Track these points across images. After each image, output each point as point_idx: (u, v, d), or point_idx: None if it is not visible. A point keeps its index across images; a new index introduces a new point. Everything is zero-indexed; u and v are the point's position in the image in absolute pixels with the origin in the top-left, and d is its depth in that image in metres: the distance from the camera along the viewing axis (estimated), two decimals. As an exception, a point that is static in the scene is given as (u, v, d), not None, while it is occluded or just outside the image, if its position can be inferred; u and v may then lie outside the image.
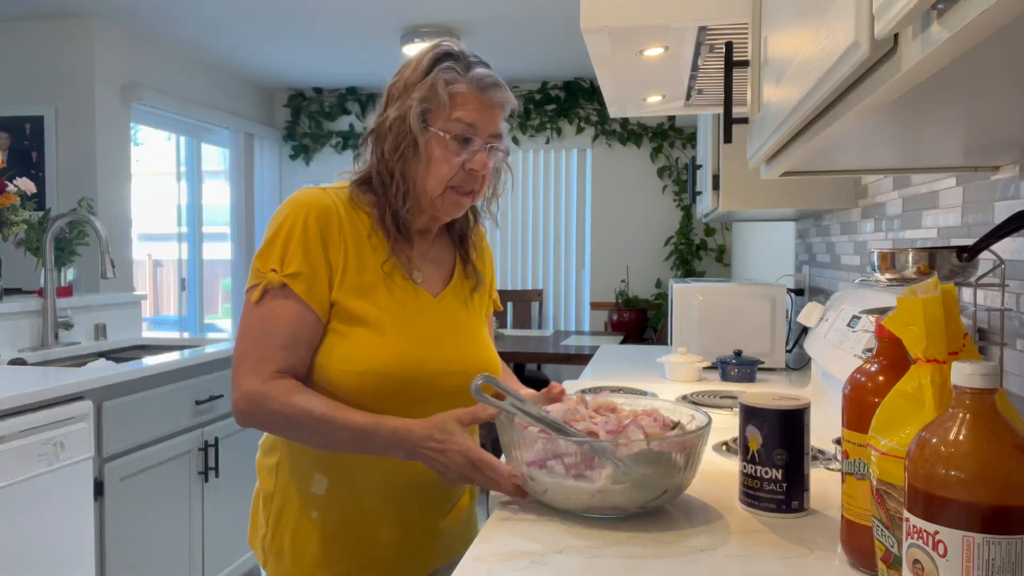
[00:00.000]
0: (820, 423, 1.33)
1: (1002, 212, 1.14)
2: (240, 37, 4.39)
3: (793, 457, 1.01)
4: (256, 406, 1.11)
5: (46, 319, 2.73)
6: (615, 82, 1.77)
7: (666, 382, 2.13)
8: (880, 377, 0.82)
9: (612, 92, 1.87)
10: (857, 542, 0.84)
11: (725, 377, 2.14)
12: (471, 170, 1.17)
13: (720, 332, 2.32)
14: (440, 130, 1.15)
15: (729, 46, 1.31)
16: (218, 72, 5.06)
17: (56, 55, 4.00)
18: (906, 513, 0.64)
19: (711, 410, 1.63)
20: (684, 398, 1.82)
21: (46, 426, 1.95)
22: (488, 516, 1.03)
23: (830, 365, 1.56)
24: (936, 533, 0.61)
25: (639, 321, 5.14)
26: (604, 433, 1.02)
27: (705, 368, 2.22)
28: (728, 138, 1.26)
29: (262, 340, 1.12)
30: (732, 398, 1.83)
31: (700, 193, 2.73)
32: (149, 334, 3.32)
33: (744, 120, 1.23)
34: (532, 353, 4.20)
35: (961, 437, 0.61)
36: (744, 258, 4.64)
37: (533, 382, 4.54)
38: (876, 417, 0.75)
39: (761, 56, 1.08)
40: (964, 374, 0.62)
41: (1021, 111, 0.69)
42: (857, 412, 0.83)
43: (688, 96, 1.78)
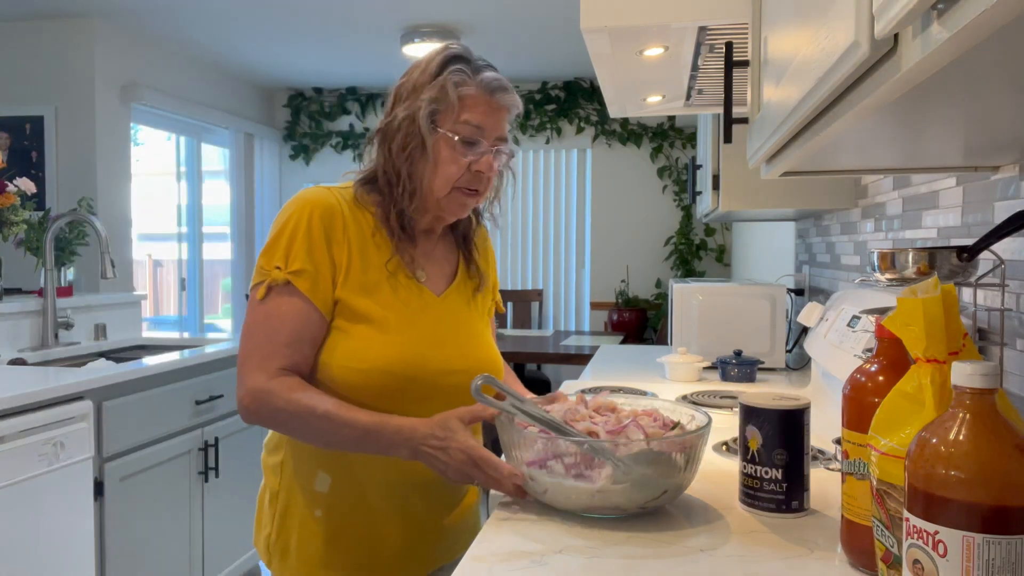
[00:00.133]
0: (820, 423, 1.33)
1: (1002, 212, 1.14)
2: (240, 37, 4.39)
3: (793, 457, 1.01)
4: (261, 403, 1.11)
5: (46, 319, 2.73)
6: (615, 82, 1.77)
7: (666, 382, 2.13)
8: (880, 377, 0.82)
9: (612, 92, 1.87)
10: (857, 542, 0.84)
11: (725, 377, 2.14)
12: (477, 171, 1.18)
13: (720, 332, 2.32)
14: (448, 131, 1.16)
15: (729, 46, 1.31)
16: (218, 72, 5.06)
17: (56, 55, 4.00)
18: (906, 513, 0.64)
19: (711, 410, 1.63)
20: (684, 398, 1.82)
21: (46, 426, 1.95)
22: (488, 516, 1.03)
23: (830, 365, 1.56)
24: (936, 533, 0.61)
25: (639, 321, 5.14)
26: (604, 433, 1.02)
27: (705, 368, 2.22)
28: (728, 138, 1.27)
29: (267, 337, 1.13)
30: (732, 398, 1.83)
31: (700, 193, 2.73)
32: (149, 334, 3.32)
33: (744, 120, 1.23)
34: (532, 353, 4.20)
35: (961, 437, 0.61)
36: (744, 258, 4.64)
37: (533, 382, 4.54)
38: (876, 417, 0.75)
39: (761, 56, 1.08)
40: (964, 374, 0.62)
41: (1021, 111, 0.69)
42: (857, 412, 0.83)
43: (688, 96, 1.78)
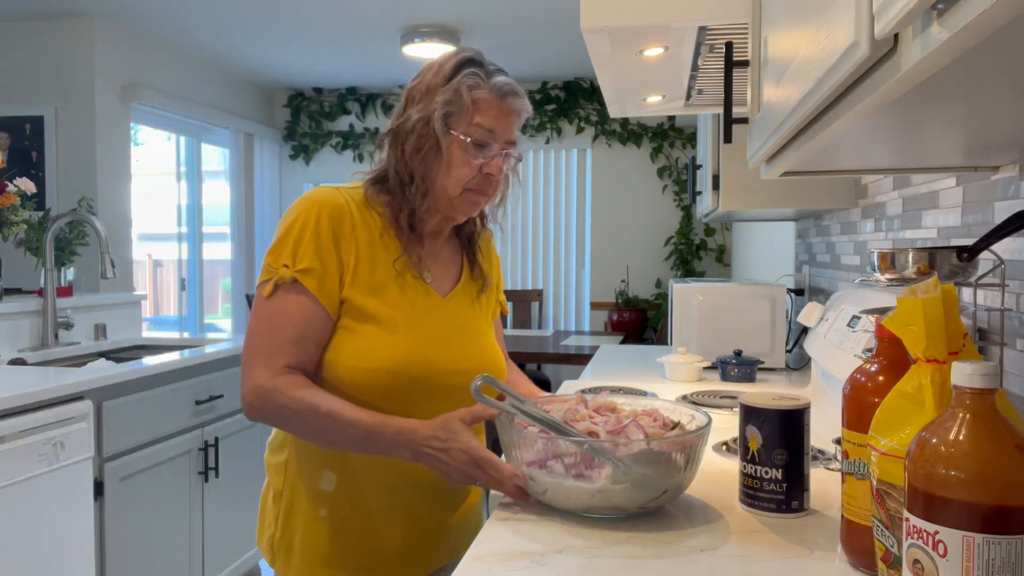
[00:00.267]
0: (820, 423, 1.33)
1: (1002, 212, 1.14)
2: (240, 37, 4.39)
3: (793, 457, 1.01)
4: (265, 400, 1.11)
5: (46, 319, 2.73)
6: (615, 82, 1.77)
7: (666, 382, 2.13)
8: (880, 377, 0.82)
9: (612, 92, 1.87)
10: (857, 542, 0.84)
11: (725, 377, 2.14)
12: (487, 174, 1.19)
13: (720, 332, 2.32)
14: (462, 134, 1.17)
15: (729, 46, 1.31)
16: (218, 72, 5.06)
17: (56, 55, 4.00)
18: (906, 513, 0.64)
19: (711, 410, 1.63)
20: (684, 398, 1.82)
21: (46, 426, 1.95)
22: (488, 516, 1.04)
23: (830, 365, 1.56)
24: (936, 533, 0.61)
25: (639, 321, 5.14)
26: (604, 433, 1.02)
27: (705, 368, 2.22)
28: (728, 138, 1.27)
29: (273, 334, 1.13)
30: (732, 398, 1.82)
31: (700, 193, 2.73)
32: (149, 334, 3.32)
33: (744, 120, 1.23)
34: (532, 353, 4.20)
35: (961, 437, 0.61)
36: (744, 258, 4.64)
37: (534, 382, 4.53)
38: (876, 417, 0.75)
39: (761, 56, 1.08)
40: (964, 374, 0.62)
41: (1021, 111, 0.69)
42: (857, 412, 0.83)
43: (688, 96, 1.78)
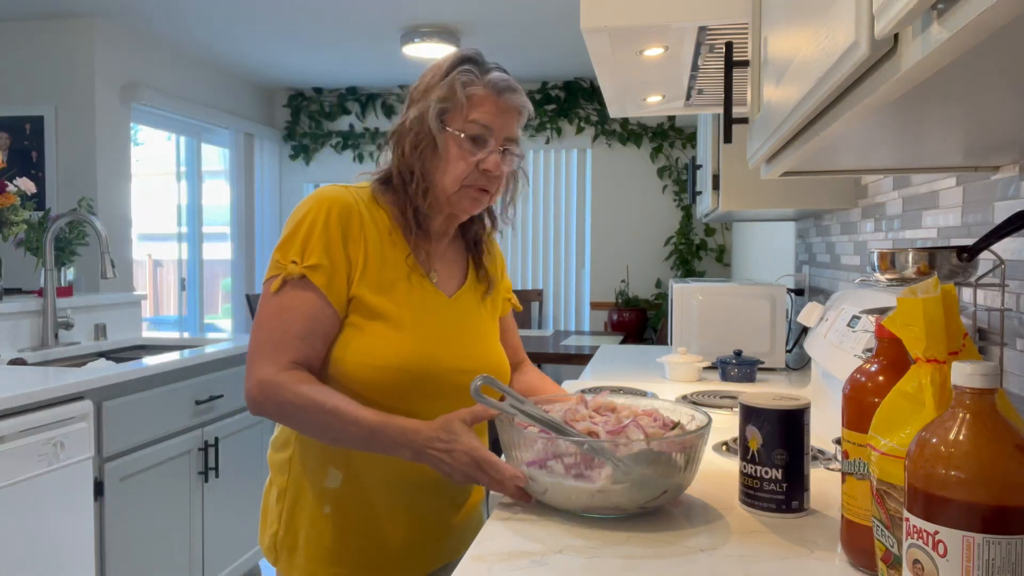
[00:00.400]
0: (820, 423, 1.33)
1: (1002, 212, 1.14)
2: (240, 37, 4.39)
3: (793, 457, 1.01)
4: (269, 395, 1.11)
5: (46, 319, 2.72)
6: (615, 82, 1.77)
7: (666, 382, 2.13)
8: (880, 377, 0.82)
9: (612, 92, 1.87)
10: (857, 542, 0.84)
11: (725, 377, 2.14)
12: (485, 170, 1.19)
13: (720, 332, 2.32)
14: (456, 130, 1.18)
15: (729, 46, 1.31)
16: (218, 72, 5.06)
17: (56, 55, 4.00)
18: (906, 513, 0.64)
19: (711, 410, 1.63)
20: (684, 398, 1.82)
21: (46, 426, 1.95)
22: (488, 516, 1.04)
23: (830, 365, 1.56)
24: (936, 533, 0.61)
25: (639, 321, 5.14)
26: (604, 433, 1.02)
27: (705, 368, 2.22)
28: (728, 138, 1.27)
29: (279, 330, 1.13)
30: (732, 398, 1.82)
31: (700, 193, 2.73)
32: (149, 334, 3.32)
33: (744, 120, 1.23)
34: (532, 353, 4.19)
35: (961, 437, 0.61)
36: (744, 258, 4.64)
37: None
38: (876, 417, 0.75)
39: (761, 56, 1.08)
40: (964, 374, 0.62)
41: (1021, 111, 0.69)
42: (857, 412, 0.83)
43: (688, 96, 1.78)
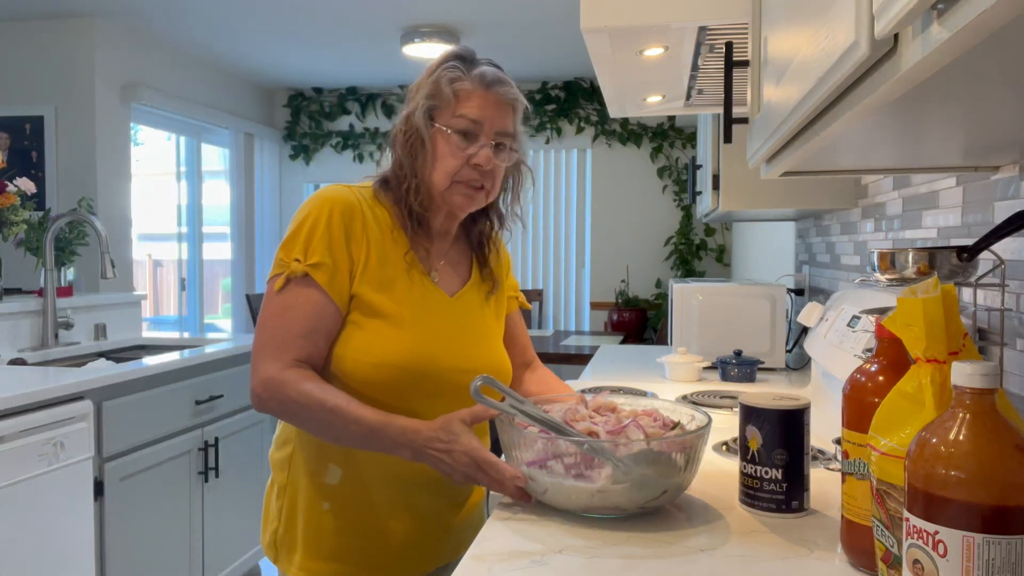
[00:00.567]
0: (820, 423, 1.33)
1: (1002, 212, 1.14)
2: (240, 37, 4.39)
3: (793, 457, 1.01)
4: (272, 393, 1.12)
5: (46, 319, 2.72)
6: (615, 82, 1.77)
7: (666, 382, 2.13)
8: (880, 377, 0.82)
9: (612, 92, 1.87)
10: (857, 542, 0.84)
11: (725, 377, 2.14)
12: (475, 164, 1.19)
13: (720, 332, 2.32)
14: (444, 126, 1.18)
15: (729, 46, 1.31)
16: (218, 72, 5.06)
17: (56, 55, 4.00)
18: (906, 513, 0.64)
19: (711, 410, 1.63)
20: (684, 398, 1.82)
21: (46, 426, 1.95)
22: (488, 516, 1.03)
23: (830, 365, 1.56)
24: (936, 533, 0.61)
25: (639, 321, 5.14)
26: (604, 433, 1.02)
27: (705, 368, 2.22)
28: (728, 138, 1.27)
29: (283, 328, 1.14)
30: (732, 398, 1.82)
31: (700, 193, 2.73)
32: (149, 334, 3.32)
33: (744, 120, 1.23)
34: (532, 353, 4.19)
35: (961, 437, 0.61)
36: (744, 258, 4.64)
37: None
38: (876, 417, 0.75)
39: (761, 56, 1.08)
40: (964, 374, 0.62)
41: (1021, 111, 0.69)
42: (857, 412, 0.83)
43: (688, 96, 1.78)
